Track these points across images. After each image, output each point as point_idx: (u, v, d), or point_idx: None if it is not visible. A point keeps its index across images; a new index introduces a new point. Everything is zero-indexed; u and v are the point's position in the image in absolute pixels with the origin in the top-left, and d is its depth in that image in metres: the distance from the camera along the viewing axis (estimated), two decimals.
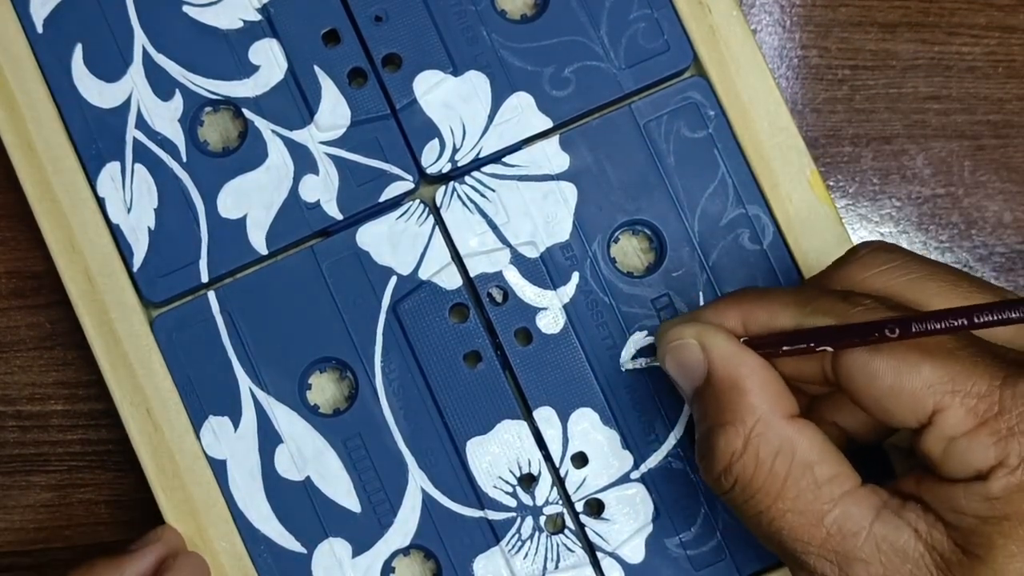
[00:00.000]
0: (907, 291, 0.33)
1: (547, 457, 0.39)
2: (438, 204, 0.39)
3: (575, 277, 0.39)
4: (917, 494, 0.32)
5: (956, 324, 0.30)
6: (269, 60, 0.39)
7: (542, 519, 0.39)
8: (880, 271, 0.34)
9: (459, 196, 0.39)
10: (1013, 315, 0.29)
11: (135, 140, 0.39)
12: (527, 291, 0.39)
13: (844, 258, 0.35)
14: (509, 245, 0.39)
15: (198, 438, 0.39)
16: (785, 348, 0.33)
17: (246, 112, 0.39)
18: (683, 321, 0.35)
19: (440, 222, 0.39)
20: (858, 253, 0.34)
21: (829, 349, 0.32)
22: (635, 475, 0.39)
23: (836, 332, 0.32)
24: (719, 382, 0.33)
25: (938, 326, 0.30)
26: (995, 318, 0.29)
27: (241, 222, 0.39)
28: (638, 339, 0.39)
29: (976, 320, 0.29)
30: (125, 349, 0.38)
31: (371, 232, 0.39)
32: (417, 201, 0.39)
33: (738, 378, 0.33)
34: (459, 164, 0.39)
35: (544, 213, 0.39)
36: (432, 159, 0.39)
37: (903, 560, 0.31)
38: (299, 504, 0.38)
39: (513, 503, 0.39)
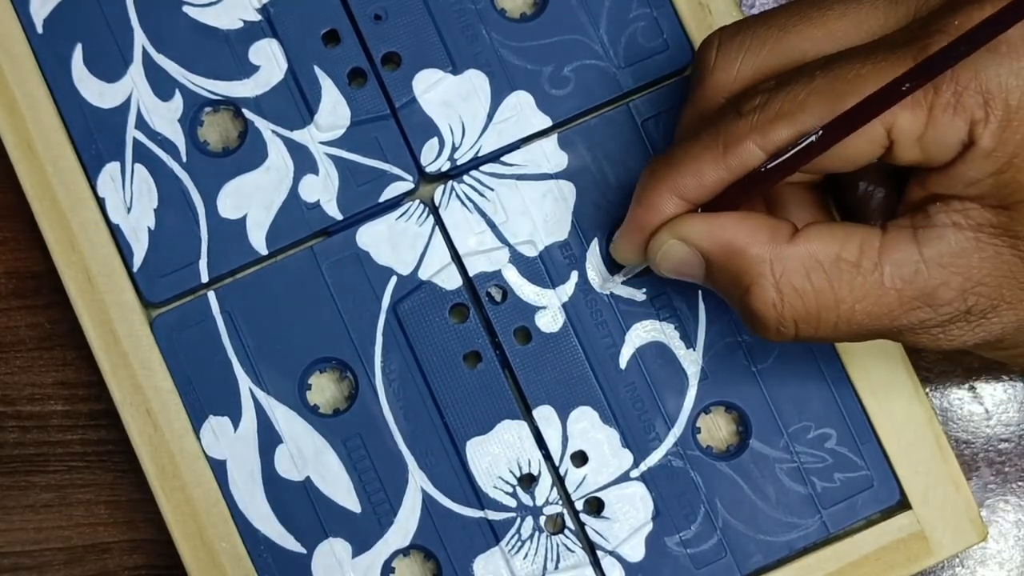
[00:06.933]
0: (776, 59, 0.33)
1: (547, 456, 0.39)
2: (437, 203, 0.39)
3: (574, 276, 0.39)
4: (929, 193, 0.32)
5: (878, 104, 0.30)
6: (269, 60, 0.39)
7: (542, 519, 0.38)
8: (741, 61, 0.34)
9: (458, 195, 0.39)
10: (933, 71, 0.29)
11: (135, 140, 0.39)
12: (526, 290, 0.39)
13: (700, 67, 0.35)
14: (508, 244, 0.39)
15: (198, 438, 0.38)
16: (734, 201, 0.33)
17: (246, 112, 0.39)
18: (639, 230, 0.35)
19: (439, 222, 0.39)
20: (710, 55, 0.34)
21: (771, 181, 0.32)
22: (635, 473, 0.39)
23: (772, 172, 0.32)
24: (717, 259, 0.33)
25: (859, 118, 0.30)
26: (917, 82, 0.29)
27: (241, 222, 0.39)
28: (636, 337, 0.39)
29: (903, 89, 0.30)
30: (125, 349, 0.38)
31: (371, 232, 0.39)
32: (417, 201, 0.39)
33: (729, 243, 0.33)
34: (458, 163, 0.39)
35: (543, 212, 0.39)
36: (431, 157, 0.39)
37: (967, 256, 0.31)
38: (299, 504, 0.38)
39: (513, 503, 0.38)
